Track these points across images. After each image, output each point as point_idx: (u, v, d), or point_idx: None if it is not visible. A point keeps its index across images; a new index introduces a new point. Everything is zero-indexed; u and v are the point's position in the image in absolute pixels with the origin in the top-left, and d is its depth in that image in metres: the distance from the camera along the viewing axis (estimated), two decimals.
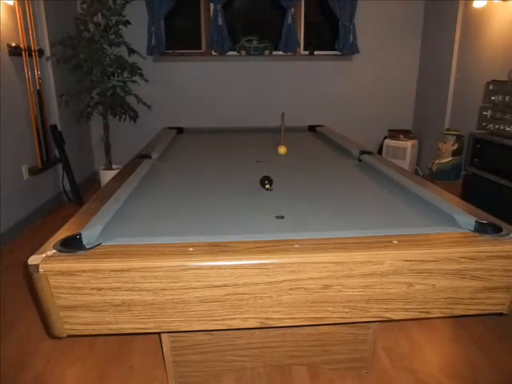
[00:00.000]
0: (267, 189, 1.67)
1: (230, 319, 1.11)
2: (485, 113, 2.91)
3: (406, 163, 4.55)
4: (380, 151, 4.79)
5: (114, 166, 4.26)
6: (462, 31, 4.10)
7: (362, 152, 2.21)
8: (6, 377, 1.78)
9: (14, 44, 3.21)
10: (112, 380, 1.76)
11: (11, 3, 3.18)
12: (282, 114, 2.68)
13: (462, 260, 1.11)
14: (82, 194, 4.02)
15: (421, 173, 4.68)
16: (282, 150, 2.34)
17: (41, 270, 1.01)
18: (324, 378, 1.75)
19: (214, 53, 4.69)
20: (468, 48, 4.01)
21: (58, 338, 1.15)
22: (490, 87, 2.88)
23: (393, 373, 1.78)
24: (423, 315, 1.17)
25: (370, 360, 1.75)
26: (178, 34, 4.83)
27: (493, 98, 2.84)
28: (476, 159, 2.99)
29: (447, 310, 1.17)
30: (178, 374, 1.68)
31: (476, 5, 3.77)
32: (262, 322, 1.12)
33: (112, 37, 3.91)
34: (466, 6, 4.01)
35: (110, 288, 1.04)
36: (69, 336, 1.12)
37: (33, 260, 1.03)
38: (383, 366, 1.82)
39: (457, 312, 1.18)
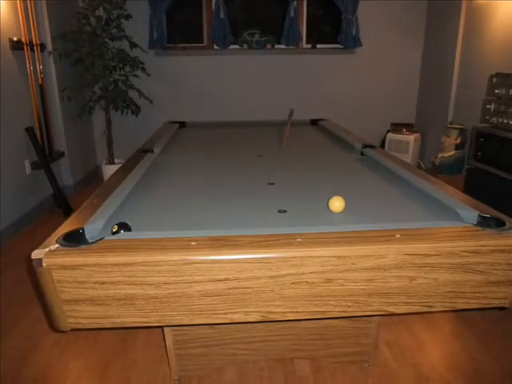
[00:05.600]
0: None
1: (233, 313, 1.11)
2: (488, 106, 2.89)
3: (408, 157, 4.53)
4: (383, 145, 4.77)
5: (116, 161, 4.26)
6: (465, 24, 4.07)
7: (365, 146, 2.21)
8: (10, 371, 1.80)
9: (15, 38, 3.20)
10: (115, 374, 1.77)
11: None
12: (291, 111, 2.36)
13: (465, 254, 1.10)
14: (81, 190, 4.02)
15: (423, 167, 4.67)
16: (338, 204, 1.36)
17: (44, 264, 1.02)
18: (326, 372, 1.75)
19: (215, 46, 4.66)
20: (471, 41, 3.98)
21: (62, 331, 1.16)
22: (494, 80, 2.86)
23: (395, 366, 1.79)
24: (425, 309, 1.17)
25: (372, 354, 1.76)
26: (180, 28, 4.81)
27: (496, 91, 2.82)
28: (479, 153, 2.98)
29: (450, 304, 1.17)
30: (180, 367, 1.69)
31: None
32: (264, 316, 1.13)
33: (114, 31, 3.90)
34: None
35: (113, 282, 1.05)
36: (72, 330, 1.13)
37: (36, 254, 1.03)
38: (385, 360, 1.82)
39: (459, 306, 1.18)
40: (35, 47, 3.46)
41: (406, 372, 1.76)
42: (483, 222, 1.21)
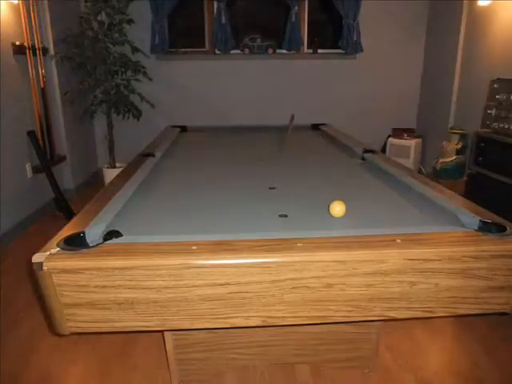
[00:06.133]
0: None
1: (233, 317, 1.11)
2: (489, 111, 2.89)
3: (409, 162, 4.53)
4: (384, 150, 4.78)
5: (117, 165, 4.27)
6: (466, 29, 4.08)
7: (366, 151, 2.21)
8: (10, 374, 1.79)
9: (18, 42, 3.22)
10: (115, 378, 1.77)
11: (15, 2, 3.19)
12: (291, 116, 2.41)
13: (466, 259, 1.10)
14: (82, 195, 4.03)
15: (424, 171, 4.67)
16: (339, 208, 1.35)
17: (45, 268, 1.02)
18: (326, 377, 1.75)
19: (217, 51, 4.69)
20: (473, 46, 3.99)
21: (62, 335, 1.15)
22: (495, 85, 2.86)
23: (396, 372, 1.78)
24: (426, 314, 1.17)
25: (373, 359, 1.75)
26: (182, 33, 4.83)
27: (497, 96, 2.83)
28: (480, 158, 2.98)
29: (451, 309, 1.16)
30: (180, 372, 1.68)
31: (481, 3, 3.75)
32: (264, 321, 1.12)
33: (116, 35, 3.91)
34: (470, 4, 3.98)
35: (113, 286, 1.05)
36: (72, 334, 1.12)
37: (37, 258, 1.03)
38: (386, 365, 1.82)
39: (460, 311, 1.17)
40: (37, 51, 3.48)
41: (407, 377, 1.75)
42: (484, 227, 1.20)
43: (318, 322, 1.15)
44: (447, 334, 2.04)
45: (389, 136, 4.78)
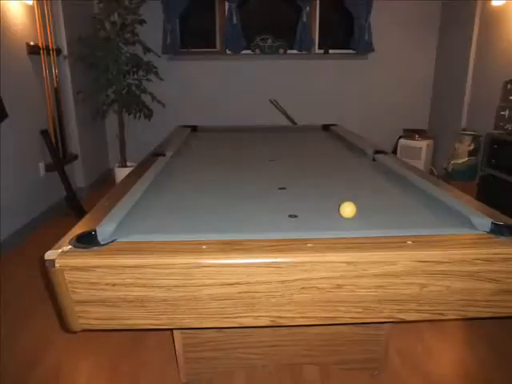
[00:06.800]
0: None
1: (242, 317, 1.11)
2: (502, 113, 2.86)
3: (421, 163, 4.50)
4: (395, 151, 4.75)
5: (128, 164, 4.30)
6: (479, 30, 4.04)
7: (377, 151, 2.20)
8: (21, 370, 1.82)
9: (32, 43, 3.26)
10: (124, 375, 1.78)
11: (30, 3, 3.23)
12: (274, 102, 2.43)
13: (477, 262, 1.09)
14: (92, 194, 4.06)
15: (436, 173, 4.63)
16: (349, 209, 1.35)
17: (57, 265, 1.03)
18: (335, 378, 1.74)
19: (228, 52, 4.70)
20: (486, 47, 3.95)
21: (73, 332, 1.17)
22: (508, 86, 2.83)
23: (405, 374, 1.77)
24: (437, 317, 1.16)
25: (382, 361, 1.74)
26: (193, 33, 4.85)
27: (511, 97, 2.79)
28: (493, 160, 2.94)
29: (461, 312, 1.15)
30: (189, 370, 1.69)
31: (494, 3, 3.71)
32: (273, 321, 1.12)
33: (128, 35, 3.95)
34: (483, 4, 3.94)
35: (124, 284, 1.06)
36: (83, 330, 1.14)
37: (49, 255, 1.05)
38: (395, 367, 1.80)
39: (471, 314, 1.16)
40: (51, 52, 3.52)
41: (416, 380, 1.74)
42: (496, 230, 1.19)
43: (327, 322, 1.14)
44: (457, 337, 2.02)
45: (400, 137, 4.75)
